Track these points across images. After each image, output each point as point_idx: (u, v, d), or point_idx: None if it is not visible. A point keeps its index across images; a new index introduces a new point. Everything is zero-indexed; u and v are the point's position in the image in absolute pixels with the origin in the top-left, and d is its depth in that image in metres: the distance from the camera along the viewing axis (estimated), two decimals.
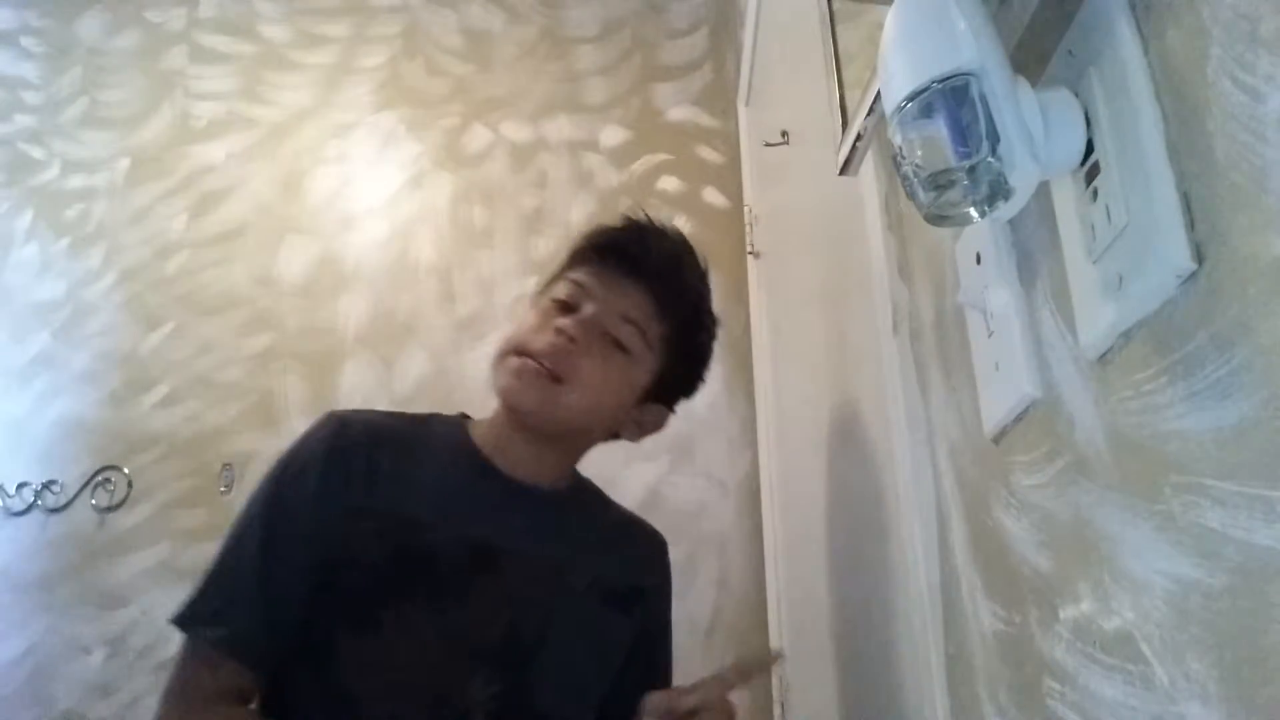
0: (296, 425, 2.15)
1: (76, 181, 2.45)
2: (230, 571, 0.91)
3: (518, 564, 0.94)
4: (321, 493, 0.93)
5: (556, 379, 0.94)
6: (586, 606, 0.97)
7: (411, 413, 1.08)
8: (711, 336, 1.09)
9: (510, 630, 0.91)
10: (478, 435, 1.02)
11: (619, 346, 0.97)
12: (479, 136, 2.43)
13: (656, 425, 1.08)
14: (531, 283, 2.20)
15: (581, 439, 1.04)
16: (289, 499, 0.94)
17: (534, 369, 0.94)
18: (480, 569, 0.92)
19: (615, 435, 1.07)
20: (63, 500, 2.11)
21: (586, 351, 0.95)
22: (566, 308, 0.98)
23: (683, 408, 2.09)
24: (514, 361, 0.95)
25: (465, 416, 1.08)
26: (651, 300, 0.99)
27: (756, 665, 1.13)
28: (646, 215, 1.08)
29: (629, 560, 1.05)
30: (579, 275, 1.01)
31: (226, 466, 2.11)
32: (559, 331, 0.94)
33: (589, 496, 1.09)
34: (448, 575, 0.90)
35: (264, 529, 0.92)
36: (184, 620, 0.90)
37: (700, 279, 1.08)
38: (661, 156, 2.38)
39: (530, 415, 0.97)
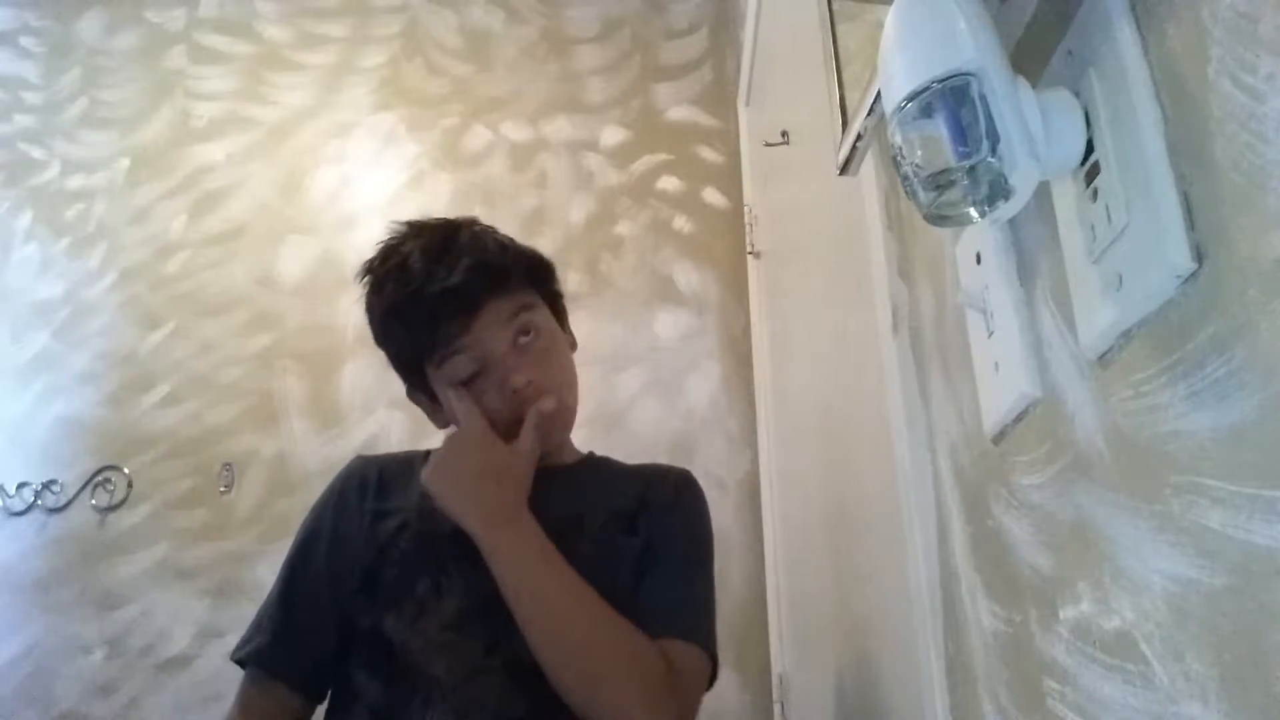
0: (296, 425, 2.16)
1: (76, 181, 2.45)
2: (264, 604, 1.02)
3: (540, 522, 0.96)
4: (343, 511, 1.03)
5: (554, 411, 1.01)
6: (602, 540, 0.99)
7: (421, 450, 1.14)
8: (528, 249, 1.07)
9: None
10: None
11: (531, 328, 1.00)
12: (479, 136, 2.43)
13: (566, 318, 1.13)
14: None
15: (576, 399, 1.09)
16: (312, 527, 1.03)
17: (546, 425, 1.00)
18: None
19: None
20: (63, 500, 2.11)
21: (539, 371, 0.99)
22: (469, 380, 0.98)
23: (683, 407, 2.11)
24: (516, 428, 0.99)
25: None
26: (502, 289, 0.98)
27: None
28: (386, 245, 1.03)
29: (638, 489, 1.06)
30: (447, 347, 0.98)
31: (226, 466, 2.11)
32: (517, 393, 0.97)
33: (601, 462, 1.13)
34: (472, 545, 0.93)
35: (291, 558, 1.03)
36: (234, 652, 1.00)
37: (474, 233, 1.03)
38: (661, 156, 2.39)
39: (563, 443, 1.07)
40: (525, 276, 1.03)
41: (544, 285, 1.07)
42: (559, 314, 1.09)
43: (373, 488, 1.04)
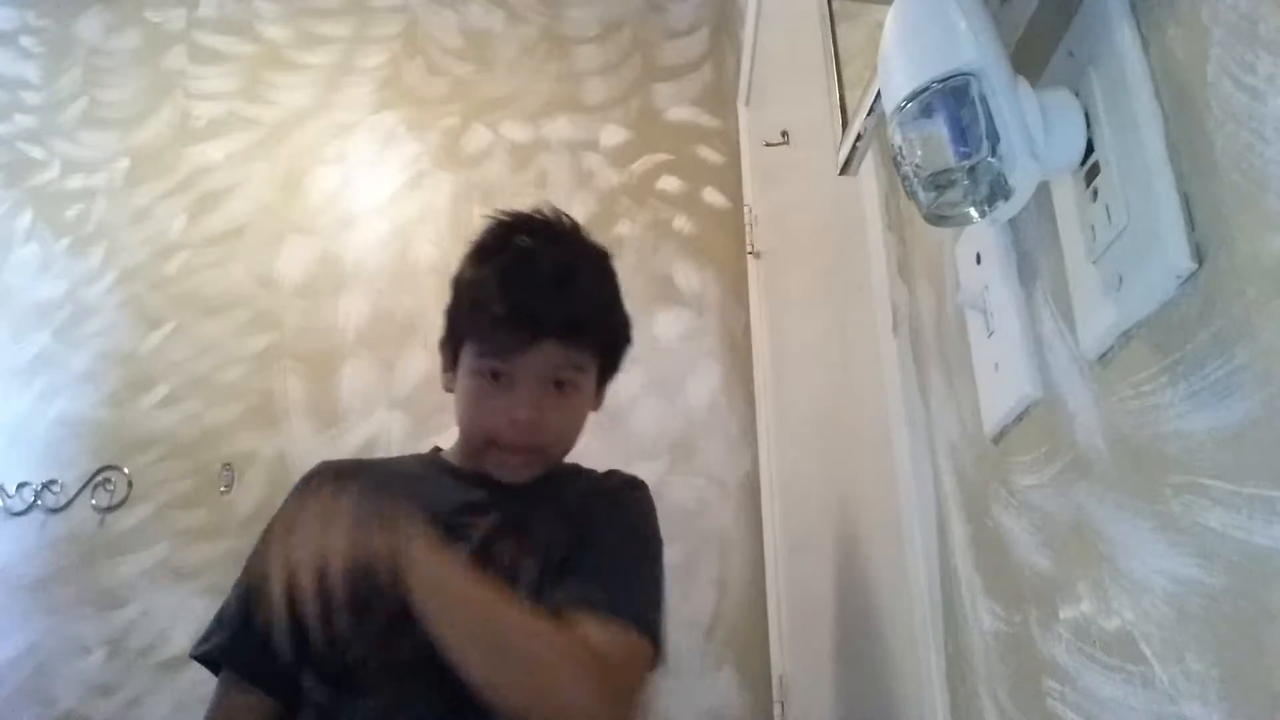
0: (296, 425, 2.16)
1: (76, 181, 2.45)
2: (225, 601, 1.04)
3: (491, 544, 0.97)
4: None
5: (539, 450, 1.02)
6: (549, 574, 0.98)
7: (391, 457, 1.15)
8: (625, 320, 1.11)
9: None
10: (450, 454, 1.11)
11: (568, 385, 1.02)
12: (479, 136, 2.43)
13: (610, 380, 1.12)
14: None
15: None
16: (269, 531, 1.02)
17: (518, 461, 1.01)
18: (457, 540, 0.96)
19: None
20: (63, 500, 2.11)
21: (549, 415, 1.00)
22: (497, 374, 0.99)
23: (683, 407, 2.11)
24: (495, 455, 1.01)
25: (438, 449, 1.15)
26: (573, 342, 1.00)
27: None
28: (531, 226, 1.04)
29: (580, 503, 1.05)
30: (496, 349, 0.99)
31: (226, 466, 2.11)
32: (514, 423, 0.98)
33: (567, 472, 1.10)
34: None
35: (250, 558, 1.04)
36: (193, 649, 1.02)
37: (600, 276, 1.06)
38: (661, 156, 2.38)
39: (531, 481, 1.04)
40: (599, 346, 1.04)
41: (610, 357, 1.08)
42: (604, 379, 1.09)
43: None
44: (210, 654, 1.00)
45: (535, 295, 0.98)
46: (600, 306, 1.05)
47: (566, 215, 1.08)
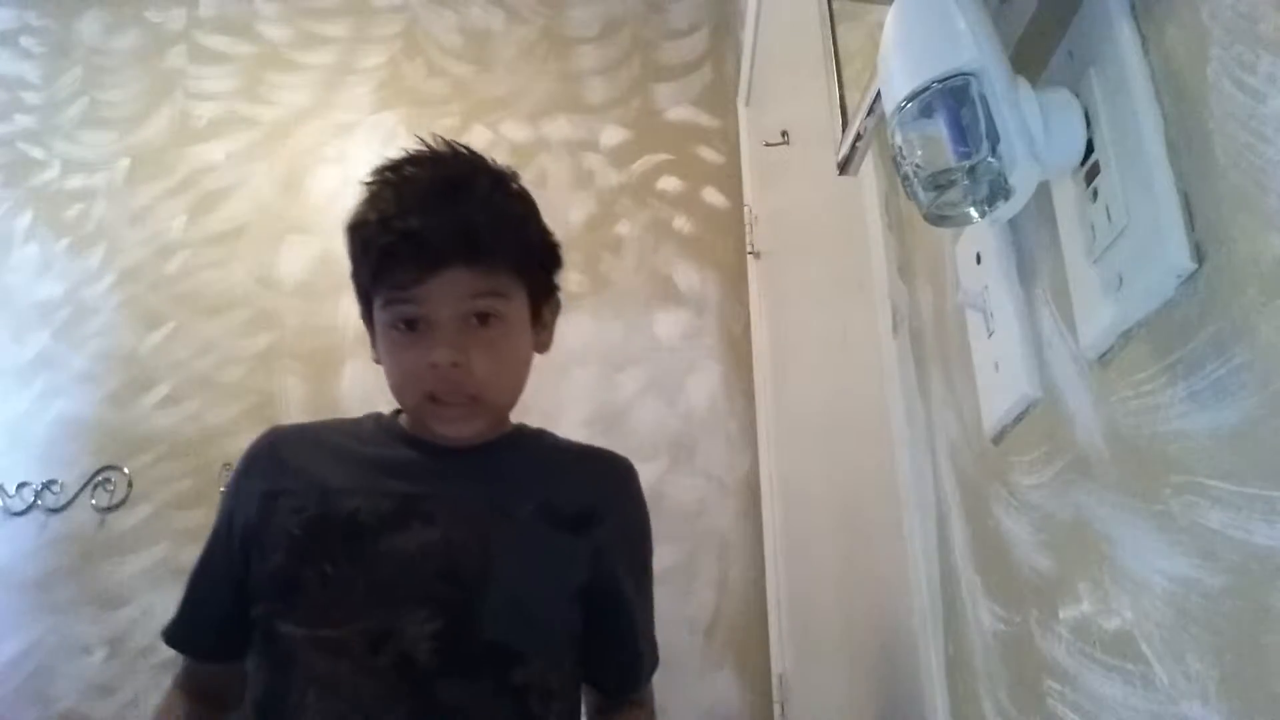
0: None
1: (76, 181, 2.45)
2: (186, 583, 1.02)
3: (449, 506, 0.91)
4: (241, 489, 0.99)
5: (474, 399, 0.91)
6: (531, 532, 0.92)
7: (351, 418, 1.06)
8: (535, 212, 0.98)
9: (446, 570, 0.88)
10: (405, 419, 1.01)
11: (490, 315, 0.90)
12: (479, 136, 2.42)
13: (555, 316, 1.02)
14: None
15: (516, 399, 1.00)
16: (222, 505, 1.02)
17: (454, 414, 0.91)
18: (406, 519, 0.90)
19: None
20: (63, 500, 2.11)
21: (474, 355, 0.89)
22: (410, 323, 0.90)
23: (683, 407, 2.11)
24: (434, 414, 0.92)
25: (399, 411, 1.04)
26: (481, 264, 0.89)
27: None
28: (416, 157, 0.96)
29: (580, 483, 0.99)
30: (393, 293, 0.90)
31: (226, 466, 2.10)
32: (435, 368, 0.88)
33: (530, 438, 1.04)
34: (370, 530, 0.89)
35: (209, 537, 1.02)
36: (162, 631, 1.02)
37: (499, 187, 0.94)
38: (661, 156, 2.39)
39: (480, 437, 0.95)
40: (510, 258, 0.91)
41: (534, 275, 0.96)
42: (540, 311, 0.97)
43: (273, 464, 0.97)
44: (165, 635, 1.01)
45: (420, 214, 0.88)
46: (504, 219, 0.92)
47: (464, 146, 0.97)
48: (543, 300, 0.98)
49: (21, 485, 2.13)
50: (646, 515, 1.03)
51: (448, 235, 0.87)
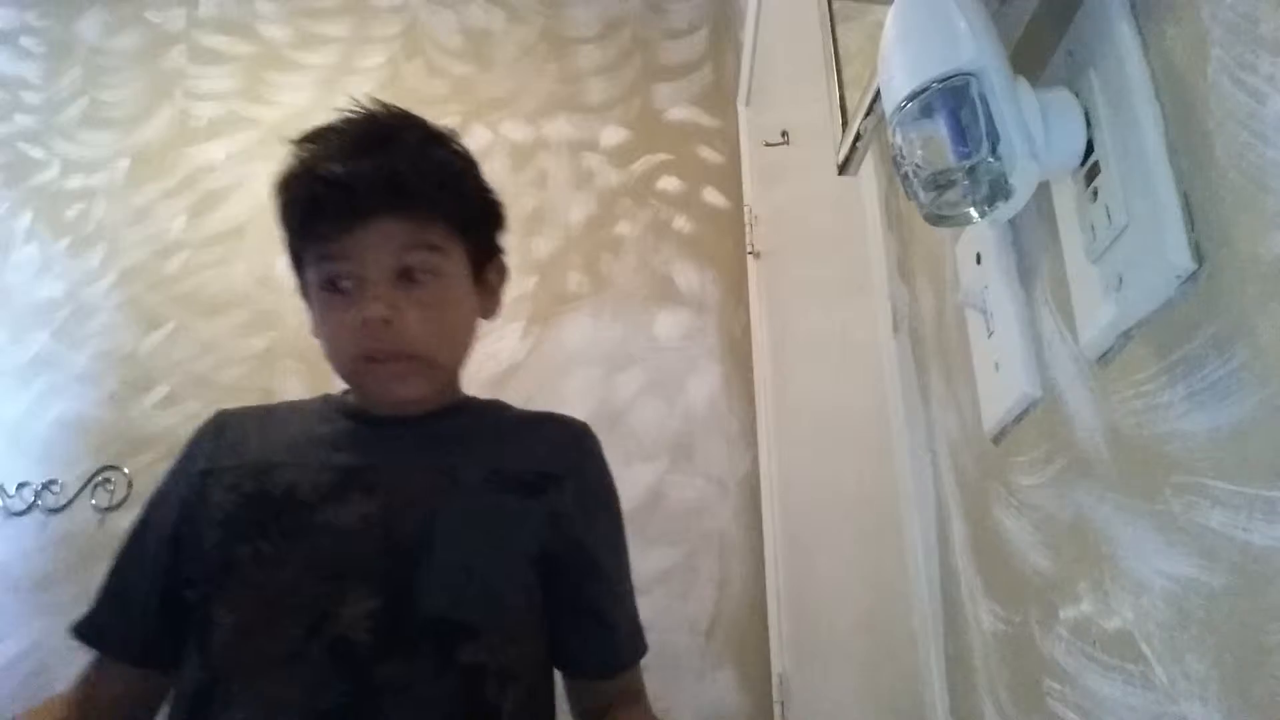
0: None
1: (76, 181, 2.45)
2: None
3: (391, 477, 0.87)
4: (181, 471, 0.94)
5: (410, 357, 0.87)
6: (480, 498, 0.88)
7: (303, 399, 1.04)
8: (474, 169, 0.95)
9: (385, 542, 0.84)
10: (353, 395, 0.98)
11: (424, 271, 0.86)
12: (479, 136, 2.43)
13: (501, 280, 0.98)
14: (532, 283, 2.22)
15: (458, 362, 0.97)
16: (157, 489, 0.95)
17: (389, 374, 0.87)
18: (346, 491, 0.86)
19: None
20: (63, 500, 2.11)
21: (408, 311, 0.85)
22: (338, 281, 0.86)
23: (683, 408, 2.11)
24: (371, 378, 0.89)
25: (348, 390, 1.01)
26: (411, 213, 0.86)
27: None
28: (347, 115, 0.93)
29: (533, 447, 0.94)
30: (321, 248, 0.87)
31: None
32: (367, 323, 0.84)
33: (482, 405, 1.00)
34: (307, 504, 0.85)
35: (134, 521, 0.96)
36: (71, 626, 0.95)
37: (432, 139, 0.91)
38: (661, 156, 2.38)
39: (422, 399, 0.91)
40: (444, 211, 0.87)
41: (473, 233, 0.91)
42: (483, 273, 0.93)
43: (215, 444, 0.93)
44: (75, 627, 0.96)
45: (344, 160, 0.85)
46: (436, 168, 0.88)
47: (398, 107, 0.93)
48: (485, 261, 0.93)
49: (21, 485, 2.12)
50: (610, 479, 0.96)
51: (374, 182, 0.84)
